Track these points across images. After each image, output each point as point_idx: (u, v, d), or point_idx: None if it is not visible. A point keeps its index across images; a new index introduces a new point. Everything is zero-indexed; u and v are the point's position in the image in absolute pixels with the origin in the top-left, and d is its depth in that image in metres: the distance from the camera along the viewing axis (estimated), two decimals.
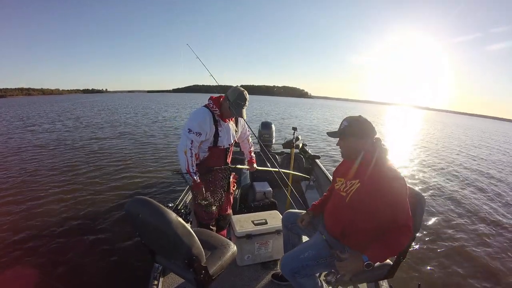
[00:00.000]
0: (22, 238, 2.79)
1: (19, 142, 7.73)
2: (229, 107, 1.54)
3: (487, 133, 24.21)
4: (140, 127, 11.36)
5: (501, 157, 10.14)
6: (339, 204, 1.22)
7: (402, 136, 13.71)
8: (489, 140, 16.66)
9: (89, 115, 16.44)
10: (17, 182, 4.46)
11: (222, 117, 1.59)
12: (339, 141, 1.23)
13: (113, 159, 6.09)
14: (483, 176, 6.71)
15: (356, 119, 1.19)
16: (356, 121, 1.18)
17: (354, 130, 1.17)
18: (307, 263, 1.19)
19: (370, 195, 1.08)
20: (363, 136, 1.16)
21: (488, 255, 2.95)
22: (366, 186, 1.10)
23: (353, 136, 1.17)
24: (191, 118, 1.53)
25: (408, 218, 1.05)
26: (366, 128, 1.17)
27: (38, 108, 22.48)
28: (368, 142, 1.16)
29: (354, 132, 1.17)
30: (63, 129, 10.34)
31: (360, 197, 1.12)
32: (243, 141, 1.90)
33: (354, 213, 1.14)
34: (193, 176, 1.50)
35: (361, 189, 1.12)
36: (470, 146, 12.45)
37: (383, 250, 1.05)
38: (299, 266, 1.20)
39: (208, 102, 1.59)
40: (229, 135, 1.66)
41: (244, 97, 1.55)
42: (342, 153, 1.24)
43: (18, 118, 14.67)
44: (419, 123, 27.91)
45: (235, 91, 1.54)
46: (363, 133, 1.16)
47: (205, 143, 1.59)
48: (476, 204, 4.49)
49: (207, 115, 1.54)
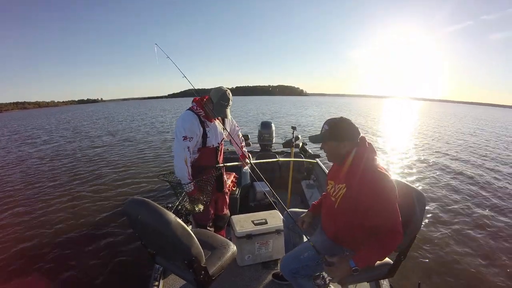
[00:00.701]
0: (25, 242, 2.82)
1: (19, 155, 7.80)
2: (212, 109, 1.56)
3: (481, 119, 24.58)
4: (137, 133, 11.44)
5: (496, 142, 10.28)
6: (330, 209, 1.22)
7: (396, 129, 13.71)
8: (483, 126, 17.15)
9: (86, 124, 16.54)
10: (20, 189, 4.53)
11: (207, 117, 1.61)
12: (322, 145, 1.22)
13: (111, 164, 6.15)
14: (482, 167, 6.72)
15: (335, 122, 1.16)
16: (335, 124, 1.16)
17: (334, 133, 1.15)
18: (307, 263, 1.19)
19: (356, 200, 1.07)
20: (344, 139, 1.14)
21: (489, 255, 2.93)
22: (352, 191, 1.09)
23: (333, 140, 1.15)
24: (179, 125, 1.52)
25: (396, 222, 1.02)
26: (346, 131, 1.15)
27: (35, 121, 22.59)
28: (349, 145, 1.14)
29: (334, 135, 1.15)
30: (61, 140, 10.41)
31: (347, 202, 1.11)
32: (234, 136, 1.89)
33: (345, 217, 1.14)
34: (191, 185, 1.50)
35: (348, 195, 1.11)
36: (465, 134, 12.69)
37: (370, 255, 1.05)
38: (299, 267, 1.20)
39: (192, 105, 1.60)
40: (217, 134, 1.67)
41: (227, 97, 1.56)
42: (327, 156, 1.24)
43: (15, 131, 14.73)
44: (414, 115, 28.06)
45: (218, 91, 1.55)
46: (343, 136, 1.14)
47: (195, 145, 1.60)
48: (477, 201, 4.47)
49: (193, 118, 1.55)
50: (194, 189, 1.52)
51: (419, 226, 1.14)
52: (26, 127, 17.19)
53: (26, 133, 13.35)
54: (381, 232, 1.03)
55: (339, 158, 1.18)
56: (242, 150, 1.90)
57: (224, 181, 1.81)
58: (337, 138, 1.15)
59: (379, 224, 1.03)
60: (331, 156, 1.22)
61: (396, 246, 1.05)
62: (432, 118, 22.13)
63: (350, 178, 1.12)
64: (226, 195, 1.89)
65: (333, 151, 1.18)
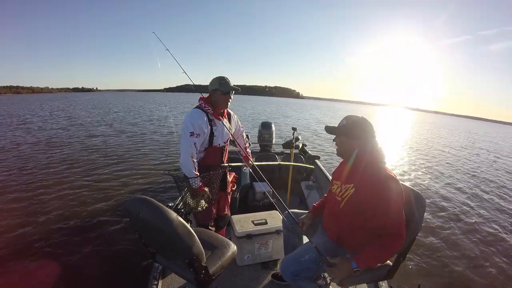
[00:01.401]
0: (22, 240, 2.75)
1: (15, 142, 7.57)
2: (217, 90, 1.55)
3: (472, 133, 25.15)
4: (138, 127, 11.29)
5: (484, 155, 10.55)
6: (334, 209, 1.22)
7: (391, 136, 14.05)
8: (474, 140, 17.59)
9: (83, 114, 16.18)
10: (16, 183, 4.37)
11: (216, 113, 1.60)
12: (335, 138, 1.22)
13: (112, 159, 6.02)
14: (480, 176, 6.84)
15: (354, 120, 1.16)
16: (353, 122, 1.15)
17: (349, 129, 1.14)
18: (308, 265, 1.18)
19: (364, 202, 1.07)
20: (356, 137, 1.13)
21: (488, 254, 2.98)
22: (360, 192, 1.09)
23: (346, 135, 1.15)
24: (187, 121, 1.51)
25: (401, 226, 1.03)
26: (362, 130, 1.14)
27: (28, 107, 21.95)
28: (361, 144, 1.13)
29: (348, 131, 1.14)
30: (60, 128, 10.19)
31: (354, 203, 1.11)
32: (238, 138, 1.88)
33: (349, 219, 1.13)
34: (198, 180, 1.47)
35: (355, 195, 1.10)
36: (456, 146, 13.01)
37: (373, 257, 1.06)
38: (299, 269, 1.19)
39: (199, 103, 1.59)
40: (224, 133, 1.67)
41: (224, 76, 1.57)
42: (337, 150, 1.23)
43: (10, 116, 14.37)
44: (408, 124, 28.75)
45: (214, 79, 1.58)
46: (357, 134, 1.13)
47: (202, 145, 1.59)
48: (475, 204, 4.56)
49: (202, 115, 1.54)
50: (202, 185, 1.50)
51: (419, 228, 1.15)
52: (18, 112, 16.70)
53: (20, 118, 13.01)
54: (385, 234, 1.03)
55: (347, 155, 1.18)
56: (246, 151, 1.89)
57: (227, 181, 1.80)
58: (350, 135, 1.14)
59: (384, 226, 1.03)
60: (341, 151, 1.21)
61: (398, 249, 1.07)
62: (425, 129, 22.80)
63: (359, 179, 1.11)
64: (228, 195, 1.88)
65: (344, 146, 1.18)
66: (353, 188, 1.12)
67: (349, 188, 1.14)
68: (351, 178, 1.16)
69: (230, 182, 2.26)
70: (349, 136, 1.14)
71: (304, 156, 3.68)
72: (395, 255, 1.20)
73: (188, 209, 1.57)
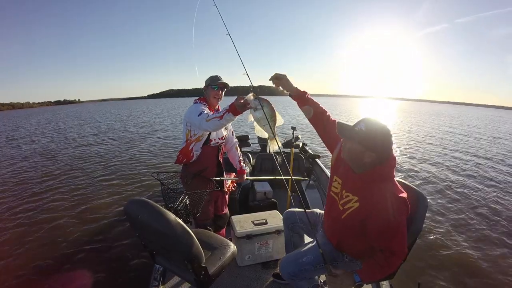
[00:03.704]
0: (22, 242, 2.79)
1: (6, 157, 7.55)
2: (209, 85, 1.61)
3: (454, 118, 26.28)
4: (129, 133, 11.39)
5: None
6: (335, 213, 1.15)
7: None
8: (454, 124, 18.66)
9: (71, 125, 16.07)
10: (14, 191, 4.45)
11: (210, 107, 1.64)
12: (345, 141, 1.05)
13: (109, 164, 6.09)
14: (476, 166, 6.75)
15: (375, 128, 0.98)
16: (373, 130, 0.97)
17: (366, 139, 0.97)
18: (305, 267, 1.17)
19: (367, 219, 1.00)
20: (373, 150, 0.97)
21: (488, 254, 2.94)
22: (365, 209, 1.01)
23: (361, 144, 0.98)
24: (192, 109, 1.54)
25: (404, 245, 0.99)
26: (382, 142, 0.98)
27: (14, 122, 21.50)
28: (375, 158, 0.98)
29: (364, 140, 0.97)
30: (51, 141, 10.08)
31: (357, 218, 1.04)
32: (231, 149, 1.87)
33: (350, 230, 1.10)
34: (227, 112, 1.34)
35: (360, 211, 1.03)
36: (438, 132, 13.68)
37: (375, 272, 1.03)
38: (297, 270, 1.18)
39: (194, 101, 1.65)
40: (220, 129, 1.67)
41: (217, 74, 1.64)
42: (343, 153, 1.07)
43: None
44: (392, 113, 29.61)
45: (208, 77, 1.65)
46: (374, 146, 0.97)
47: (198, 144, 1.60)
48: (476, 201, 4.50)
49: (203, 105, 1.59)
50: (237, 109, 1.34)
51: (420, 228, 1.13)
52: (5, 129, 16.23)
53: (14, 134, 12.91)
54: (389, 251, 1.00)
55: (357, 164, 1.03)
56: (240, 164, 1.88)
57: (224, 180, 1.81)
58: (366, 145, 0.97)
59: (389, 246, 1.00)
60: (350, 158, 1.04)
61: (400, 263, 1.03)
62: (409, 117, 24.04)
63: (366, 196, 1.02)
64: (226, 195, 1.89)
65: (355, 154, 1.01)
66: (357, 202, 1.04)
67: (353, 200, 1.05)
68: (356, 189, 1.06)
69: (231, 182, 2.28)
70: (364, 145, 0.97)
71: (304, 155, 3.68)
72: None
73: (186, 212, 1.58)
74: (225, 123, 1.38)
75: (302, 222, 1.45)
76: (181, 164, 1.68)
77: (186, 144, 1.60)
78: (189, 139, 1.59)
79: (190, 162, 1.63)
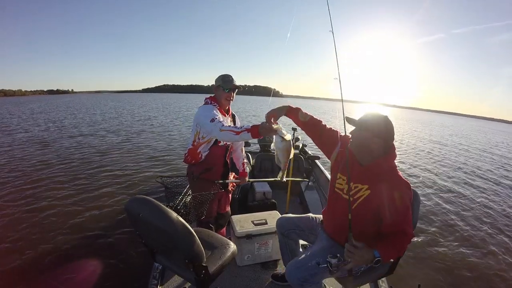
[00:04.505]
0: (19, 239, 2.76)
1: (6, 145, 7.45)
2: (220, 86, 1.57)
3: (447, 127, 27.38)
4: (132, 128, 11.23)
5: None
6: (343, 212, 1.14)
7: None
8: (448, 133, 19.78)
9: (67, 116, 15.62)
10: (13, 185, 4.36)
11: (221, 109, 1.62)
12: (354, 130, 1.13)
13: (110, 160, 6.02)
14: (472, 172, 6.84)
15: (380, 117, 1.09)
16: (380, 119, 1.09)
17: (374, 127, 1.07)
18: (315, 271, 1.15)
19: (379, 205, 1.05)
20: (380, 136, 1.07)
21: (487, 253, 2.98)
22: (377, 195, 1.06)
23: (371, 132, 1.07)
24: (204, 112, 1.49)
25: (412, 227, 1.09)
26: (387, 129, 1.08)
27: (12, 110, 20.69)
28: (381, 145, 1.08)
29: (372, 127, 1.07)
30: (48, 132, 9.86)
31: (369, 205, 1.08)
32: (236, 149, 1.86)
33: (359, 219, 1.11)
34: (246, 131, 1.25)
35: (371, 198, 1.08)
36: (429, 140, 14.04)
37: (391, 251, 1.05)
38: (306, 275, 1.15)
39: (205, 101, 1.62)
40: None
41: (229, 74, 1.61)
42: (352, 143, 1.15)
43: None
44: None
45: (219, 76, 1.61)
46: (381, 133, 1.07)
47: (207, 145, 1.59)
48: (471, 201, 4.55)
49: (213, 106, 1.57)
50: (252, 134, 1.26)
51: (415, 223, 1.19)
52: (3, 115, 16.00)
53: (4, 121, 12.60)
54: (399, 232, 1.05)
55: (365, 152, 1.11)
56: (243, 167, 1.87)
57: (228, 179, 1.80)
58: (375, 132, 1.07)
59: (401, 224, 1.05)
60: (358, 146, 1.13)
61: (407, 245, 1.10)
62: (404, 125, 24.52)
63: (376, 181, 1.08)
64: (229, 193, 1.89)
65: (363, 141, 1.09)
66: (368, 190, 1.08)
67: (364, 189, 1.09)
68: (365, 178, 1.10)
69: (231, 182, 2.27)
70: (371, 131, 1.07)
71: (304, 157, 3.68)
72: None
73: (188, 210, 1.58)
74: (239, 140, 1.35)
75: (297, 228, 1.44)
76: (189, 164, 1.68)
77: (194, 146, 1.59)
78: (197, 141, 1.58)
79: (198, 162, 1.63)
